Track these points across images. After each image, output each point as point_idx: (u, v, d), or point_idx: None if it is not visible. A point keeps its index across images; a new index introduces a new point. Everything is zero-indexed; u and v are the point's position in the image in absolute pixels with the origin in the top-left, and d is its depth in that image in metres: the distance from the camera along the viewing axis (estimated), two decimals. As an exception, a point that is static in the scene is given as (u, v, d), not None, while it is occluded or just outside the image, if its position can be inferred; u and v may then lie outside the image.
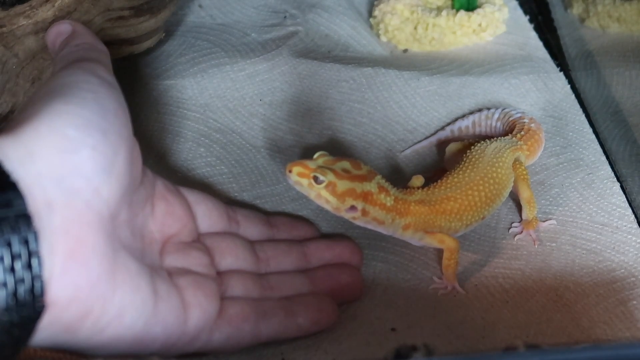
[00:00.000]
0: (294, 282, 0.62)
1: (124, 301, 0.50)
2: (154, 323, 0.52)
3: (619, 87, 0.83)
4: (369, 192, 0.61)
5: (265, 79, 0.86)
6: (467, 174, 0.66)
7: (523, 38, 0.92)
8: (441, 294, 0.64)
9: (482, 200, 0.65)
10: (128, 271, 0.50)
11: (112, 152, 0.50)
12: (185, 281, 0.56)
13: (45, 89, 0.52)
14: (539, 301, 0.63)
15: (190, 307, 0.54)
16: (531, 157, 0.73)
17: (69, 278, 0.46)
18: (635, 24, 0.88)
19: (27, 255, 0.44)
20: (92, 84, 0.53)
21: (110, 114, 0.51)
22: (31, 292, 0.44)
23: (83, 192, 0.48)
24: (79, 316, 0.47)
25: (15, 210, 0.44)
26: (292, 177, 0.60)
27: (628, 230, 0.69)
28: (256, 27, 0.93)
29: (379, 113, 0.82)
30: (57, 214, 0.46)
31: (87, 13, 0.70)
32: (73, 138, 0.48)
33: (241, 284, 0.59)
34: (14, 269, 0.43)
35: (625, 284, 0.64)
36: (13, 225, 0.43)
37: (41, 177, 0.46)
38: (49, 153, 0.47)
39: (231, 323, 0.57)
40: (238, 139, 0.80)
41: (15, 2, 0.67)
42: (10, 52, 0.68)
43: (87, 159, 0.48)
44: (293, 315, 0.59)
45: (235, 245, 0.62)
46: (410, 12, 0.90)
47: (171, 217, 0.59)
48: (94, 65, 0.56)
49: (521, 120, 0.75)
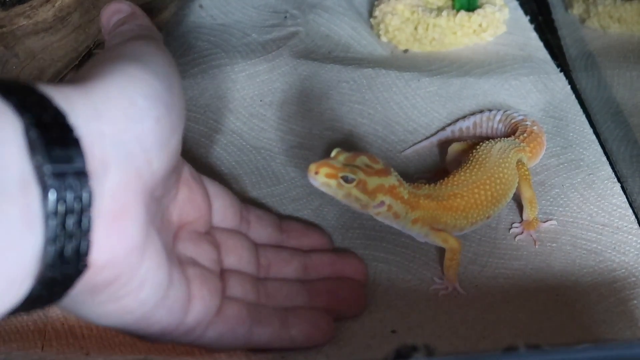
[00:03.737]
0: (290, 291, 0.61)
1: (147, 275, 0.50)
2: (162, 305, 0.52)
3: (620, 87, 0.82)
4: (394, 186, 0.61)
5: (265, 80, 0.86)
6: (475, 172, 0.66)
7: (523, 38, 0.92)
8: (442, 294, 0.64)
9: (488, 199, 0.65)
10: (155, 247, 0.51)
11: (170, 129, 0.51)
12: (194, 273, 0.56)
13: (117, 52, 0.52)
14: (539, 301, 0.63)
15: (194, 300, 0.55)
16: (533, 160, 0.73)
17: (109, 242, 0.46)
18: (636, 24, 0.88)
19: (80, 213, 0.43)
20: (164, 58, 0.53)
21: (175, 92, 0.52)
22: (77, 251, 0.44)
23: (137, 160, 0.48)
24: (107, 281, 0.47)
25: (74, 167, 0.43)
26: (319, 178, 0.59)
27: (628, 230, 0.69)
28: (257, 27, 0.93)
29: (380, 114, 0.82)
30: (110, 177, 0.46)
31: (87, 13, 0.70)
32: (141, 107, 0.48)
33: (240, 286, 0.59)
34: (65, 226, 0.43)
35: (625, 283, 0.64)
36: (71, 181, 0.43)
37: (104, 138, 0.46)
38: (116, 117, 0.47)
39: (226, 323, 0.57)
40: (238, 139, 0.80)
41: (16, 3, 0.67)
42: (11, 52, 0.68)
43: (149, 131, 0.48)
44: (287, 327, 0.59)
45: (241, 245, 0.62)
46: (411, 13, 0.90)
47: (191, 205, 0.59)
48: (161, 45, 0.56)
49: (523, 123, 0.75)
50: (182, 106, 0.53)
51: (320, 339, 0.60)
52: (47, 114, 0.43)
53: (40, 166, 0.42)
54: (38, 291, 0.43)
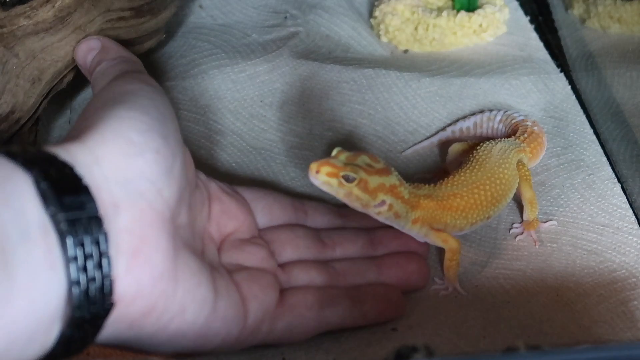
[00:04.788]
0: (360, 268, 0.63)
1: (185, 298, 0.51)
2: (215, 319, 0.54)
3: (620, 87, 0.82)
4: (394, 185, 0.61)
5: (265, 80, 0.86)
6: (475, 173, 0.66)
7: (524, 39, 0.92)
8: (442, 294, 0.64)
9: (488, 199, 0.65)
10: (189, 269, 0.52)
11: (172, 156, 0.52)
12: (241, 276, 0.57)
13: (102, 98, 0.55)
14: (539, 301, 0.63)
15: (247, 301, 0.56)
16: (533, 160, 0.73)
17: (133, 275, 0.48)
18: (636, 24, 0.88)
19: (98, 255, 0.46)
20: (148, 91, 0.56)
21: (167, 120, 0.54)
22: (101, 291, 0.46)
23: (147, 194, 0.50)
24: (142, 312, 0.49)
25: (87, 212, 0.46)
26: (320, 177, 0.59)
27: (629, 231, 0.69)
28: (257, 27, 0.93)
29: (380, 114, 0.82)
30: (123, 215, 0.48)
31: (87, 14, 0.70)
32: (137, 142, 0.50)
33: (304, 273, 0.61)
34: (87, 269, 0.45)
35: (626, 284, 0.64)
36: (86, 226, 0.45)
37: (108, 181, 0.48)
38: (115, 157, 0.49)
39: (292, 312, 0.58)
40: (239, 140, 0.80)
41: (16, 3, 0.67)
42: (11, 53, 0.68)
43: (151, 162, 0.51)
44: (360, 304, 0.60)
45: (295, 236, 0.63)
46: (411, 13, 0.90)
47: (226, 216, 0.61)
48: (141, 75, 0.59)
49: (524, 123, 0.75)
50: (176, 129, 0.55)
51: (392, 313, 0.62)
52: (53, 168, 0.46)
53: (55, 214, 0.44)
54: (69, 332, 0.46)
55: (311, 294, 0.59)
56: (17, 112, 0.69)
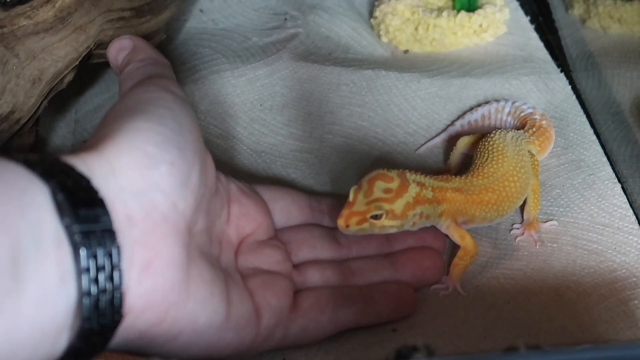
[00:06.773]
0: (376, 266, 0.63)
1: (196, 309, 0.52)
2: (227, 329, 0.54)
3: (620, 87, 0.82)
4: (417, 195, 0.61)
5: (265, 84, 0.86)
6: (500, 164, 0.66)
7: (524, 39, 0.92)
8: (442, 294, 0.64)
9: (517, 189, 0.66)
10: (202, 280, 0.52)
11: (188, 167, 0.52)
12: (255, 282, 0.58)
13: (122, 105, 0.55)
14: (540, 301, 0.63)
15: (261, 309, 0.56)
16: (540, 154, 0.74)
17: (144, 287, 0.49)
18: (636, 24, 0.88)
19: (110, 268, 0.46)
20: (167, 100, 0.55)
21: (185, 130, 0.54)
22: (111, 303, 0.46)
23: (161, 206, 0.50)
24: (152, 323, 0.50)
25: (101, 225, 0.46)
26: (352, 229, 0.60)
27: (629, 231, 0.69)
28: (257, 30, 0.93)
29: (380, 116, 0.82)
30: (137, 227, 0.48)
31: (87, 14, 0.70)
32: (153, 155, 0.50)
33: (319, 274, 0.61)
34: (98, 280, 0.46)
35: (626, 284, 0.64)
36: (99, 239, 0.46)
37: (123, 192, 0.48)
38: (130, 169, 0.49)
39: (306, 315, 0.58)
40: (239, 144, 0.80)
41: (16, 3, 0.67)
42: (11, 53, 0.68)
43: (165, 175, 0.50)
44: (373, 303, 0.61)
45: (311, 236, 0.64)
46: (411, 13, 0.90)
47: (245, 218, 0.61)
48: (165, 81, 0.58)
49: (532, 117, 0.76)
50: (195, 138, 0.55)
51: (405, 310, 0.62)
52: (70, 179, 0.46)
53: (69, 226, 0.45)
54: (77, 344, 0.46)
55: (325, 296, 0.60)
56: (18, 112, 0.69)
